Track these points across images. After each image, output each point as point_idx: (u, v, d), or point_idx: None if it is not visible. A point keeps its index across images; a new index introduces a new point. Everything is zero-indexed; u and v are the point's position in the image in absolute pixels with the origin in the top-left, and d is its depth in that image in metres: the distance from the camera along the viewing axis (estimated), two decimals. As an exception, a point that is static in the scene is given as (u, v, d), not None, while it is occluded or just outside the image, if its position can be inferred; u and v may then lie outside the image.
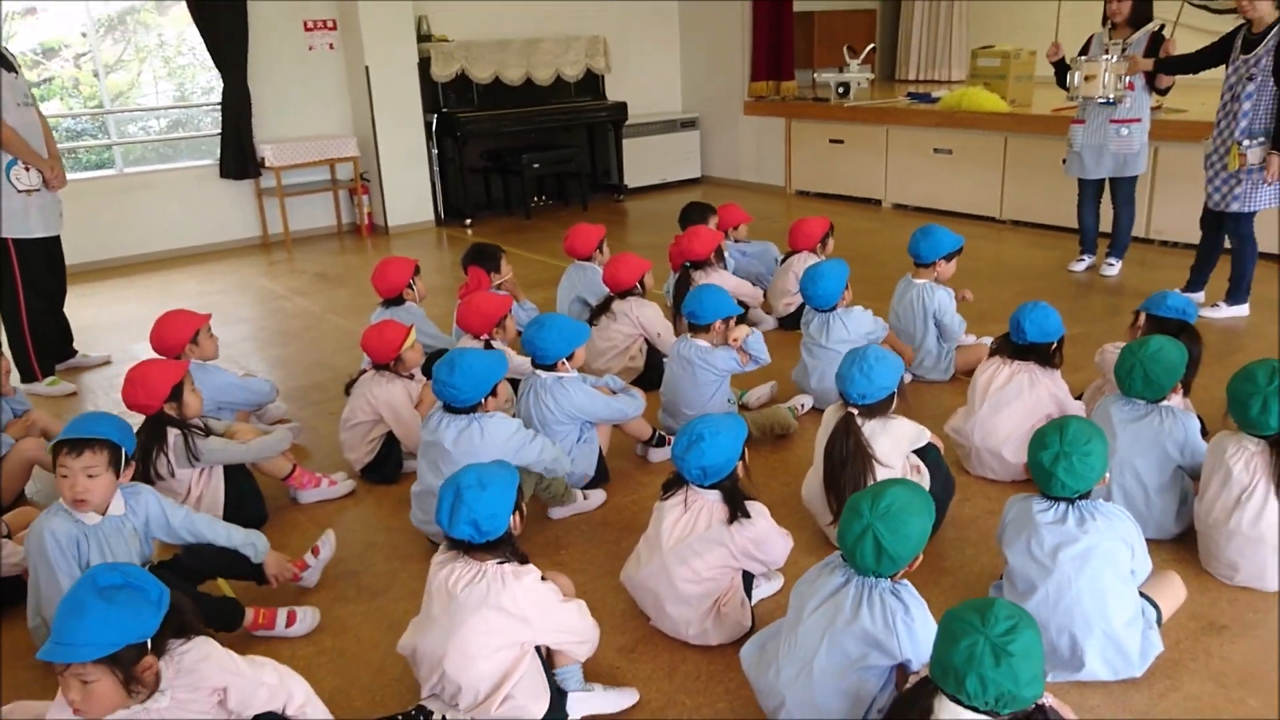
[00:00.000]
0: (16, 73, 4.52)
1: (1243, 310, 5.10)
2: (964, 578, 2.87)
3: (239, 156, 7.65)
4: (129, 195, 7.48)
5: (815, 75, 9.43)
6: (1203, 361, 3.39)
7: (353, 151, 7.99)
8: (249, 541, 2.81)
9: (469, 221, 8.41)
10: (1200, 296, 5.23)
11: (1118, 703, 2.33)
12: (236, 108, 7.57)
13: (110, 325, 5.93)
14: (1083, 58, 5.54)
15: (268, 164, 7.65)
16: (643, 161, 9.54)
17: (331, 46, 8.05)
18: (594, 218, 7.91)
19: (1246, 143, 4.71)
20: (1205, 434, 3.05)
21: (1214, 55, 4.98)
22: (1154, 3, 5.52)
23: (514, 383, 3.86)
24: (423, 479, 3.13)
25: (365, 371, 3.76)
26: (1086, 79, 5.48)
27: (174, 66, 8.21)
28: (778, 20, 9.03)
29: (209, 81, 8.07)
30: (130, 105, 8.00)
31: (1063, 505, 2.41)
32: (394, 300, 4.32)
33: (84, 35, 7.60)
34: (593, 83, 9.07)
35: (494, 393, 3.07)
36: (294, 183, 7.89)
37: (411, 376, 3.70)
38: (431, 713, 2.26)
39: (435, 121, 8.27)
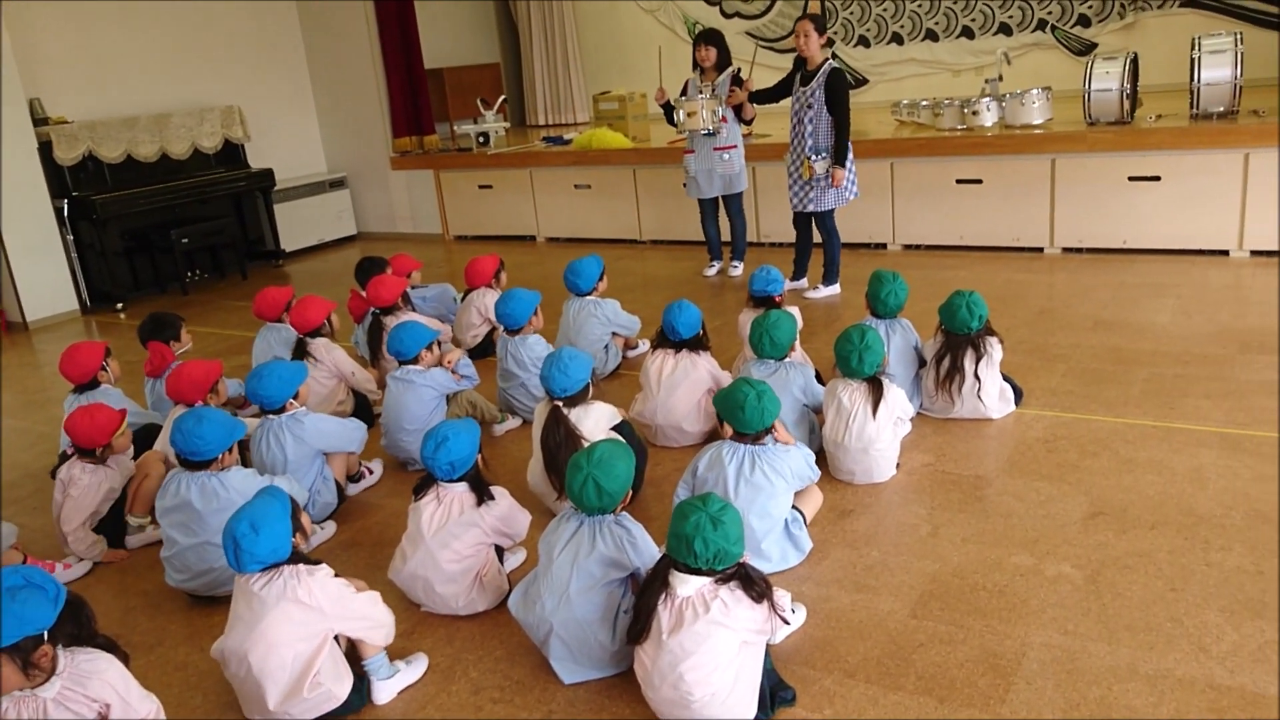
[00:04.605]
0: None
1: (835, 289, 6.36)
2: (665, 523, 3.53)
3: None
4: None
5: (454, 127, 10.07)
6: (812, 329, 4.35)
7: (-25, 247, 7.40)
8: None
9: (120, 305, 8.06)
10: (804, 282, 6.46)
11: (788, 576, 3.09)
12: None
13: None
14: (683, 98, 6.63)
15: (-128, 270, 6.90)
16: (297, 224, 9.63)
17: (-69, 137, 7.42)
18: (256, 284, 7.95)
19: (814, 158, 5.94)
20: (822, 381, 3.98)
21: (784, 88, 6.21)
22: (730, 50, 6.73)
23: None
24: (172, 543, 3.25)
25: (69, 455, 3.73)
26: (689, 115, 6.56)
27: None
28: (409, 77, 9.57)
29: None
30: None
31: (742, 447, 3.12)
32: (88, 385, 4.28)
33: None
34: (233, 152, 9.05)
35: (231, 450, 3.31)
36: (-95, 288, 7.16)
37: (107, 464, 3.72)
38: None
39: (66, 206, 7.87)
